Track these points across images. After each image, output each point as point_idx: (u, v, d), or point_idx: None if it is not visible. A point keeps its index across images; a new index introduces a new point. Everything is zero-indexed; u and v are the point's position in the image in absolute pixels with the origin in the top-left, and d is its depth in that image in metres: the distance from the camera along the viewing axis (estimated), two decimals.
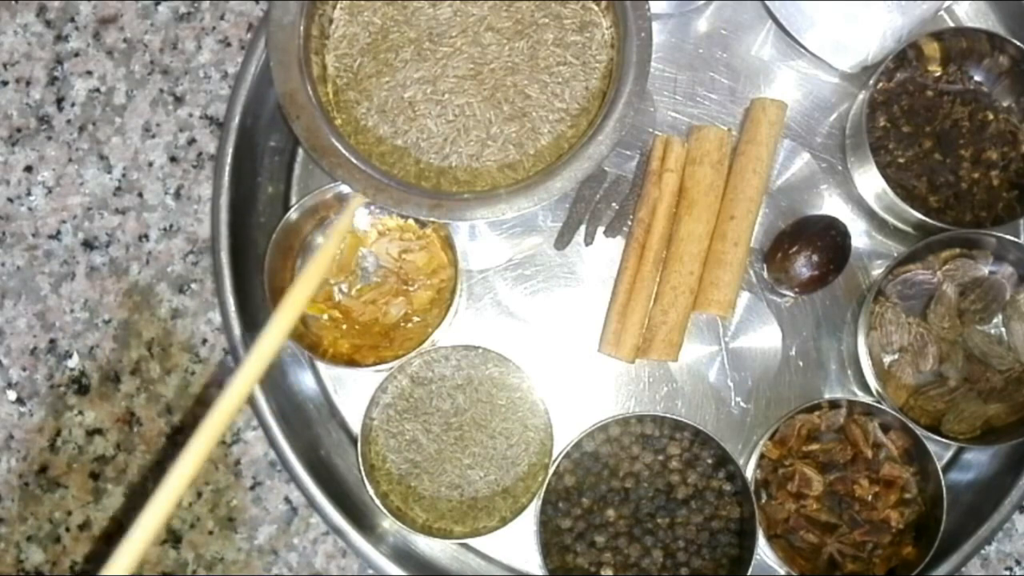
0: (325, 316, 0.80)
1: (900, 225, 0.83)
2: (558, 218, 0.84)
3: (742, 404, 0.82)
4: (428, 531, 0.77)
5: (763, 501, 0.79)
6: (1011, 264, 0.80)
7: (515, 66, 0.77)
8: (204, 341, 0.81)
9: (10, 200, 0.82)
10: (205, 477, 0.80)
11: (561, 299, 0.83)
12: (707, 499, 0.78)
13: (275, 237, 0.78)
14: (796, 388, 0.83)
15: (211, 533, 0.79)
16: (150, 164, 0.83)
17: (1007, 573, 0.81)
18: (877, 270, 0.83)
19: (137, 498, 0.79)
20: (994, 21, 0.86)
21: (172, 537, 0.79)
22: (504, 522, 0.77)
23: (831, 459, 0.78)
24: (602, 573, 0.77)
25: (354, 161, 0.74)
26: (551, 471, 0.77)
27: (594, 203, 0.83)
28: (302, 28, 0.75)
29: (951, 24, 0.86)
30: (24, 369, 0.81)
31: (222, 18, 0.84)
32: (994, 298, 0.79)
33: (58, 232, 0.82)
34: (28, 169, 0.83)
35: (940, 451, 0.81)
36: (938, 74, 0.83)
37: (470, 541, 0.79)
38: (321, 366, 0.83)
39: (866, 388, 0.79)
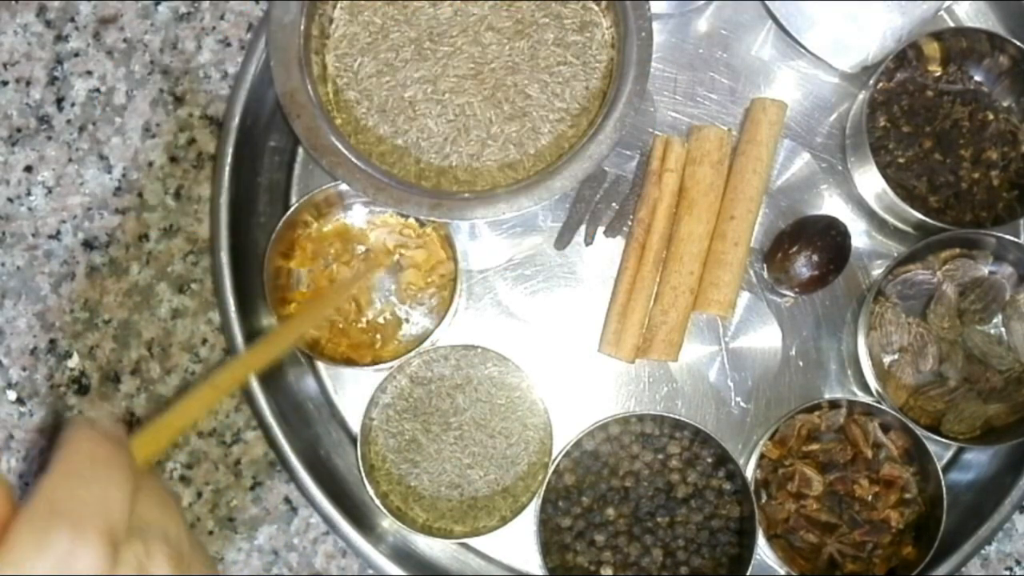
0: None
1: (900, 225, 0.83)
2: (558, 218, 0.84)
3: (742, 404, 0.82)
4: (428, 531, 0.77)
5: (763, 501, 0.79)
6: (1011, 264, 0.80)
7: (515, 66, 0.77)
8: (204, 341, 0.81)
9: (10, 200, 0.82)
10: (205, 477, 0.80)
11: (561, 299, 0.83)
12: (707, 498, 0.78)
13: (275, 237, 0.78)
14: (796, 388, 0.83)
15: (211, 533, 0.79)
16: (150, 164, 0.83)
17: (1007, 573, 0.81)
18: (877, 270, 0.83)
19: None
20: (994, 21, 0.86)
21: None
22: (504, 521, 0.77)
23: (831, 459, 0.78)
24: (602, 572, 0.77)
25: (354, 160, 0.74)
26: (551, 470, 0.77)
27: (594, 203, 0.83)
28: (302, 28, 0.75)
29: (951, 24, 0.86)
30: (24, 369, 0.81)
31: (222, 18, 0.84)
32: (994, 298, 0.79)
33: (58, 232, 0.82)
34: (28, 169, 0.83)
35: (940, 451, 0.81)
36: (938, 74, 0.83)
37: (470, 541, 0.79)
38: (321, 366, 0.83)
39: (866, 388, 0.79)
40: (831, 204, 0.84)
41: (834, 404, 0.79)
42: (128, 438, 0.43)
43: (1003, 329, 0.81)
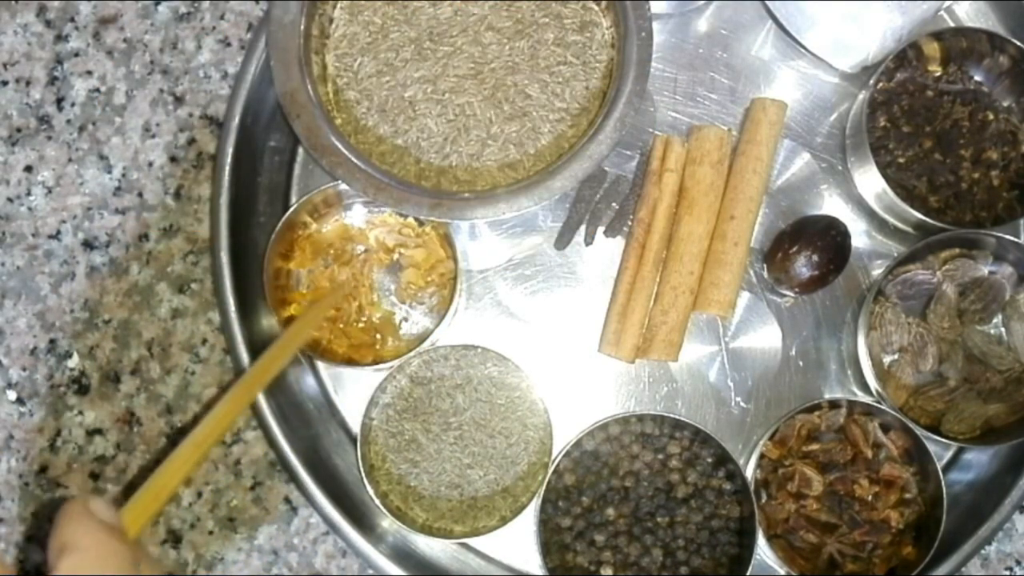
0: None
1: (900, 225, 0.83)
2: (558, 218, 0.84)
3: (742, 404, 0.82)
4: (428, 531, 0.77)
5: (763, 501, 0.79)
6: (1011, 264, 0.80)
7: (515, 66, 0.77)
8: (204, 341, 0.81)
9: (10, 200, 0.82)
10: (205, 477, 0.80)
11: (561, 299, 0.83)
12: (707, 498, 0.78)
13: (275, 237, 0.78)
14: (796, 388, 0.83)
15: (211, 533, 0.79)
16: (150, 164, 0.83)
17: (1007, 573, 0.81)
18: (877, 270, 0.83)
19: None
20: (994, 21, 0.87)
21: (172, 537, 0.79)
22: (504, 521, 0.76)
23: (831, 459, 0.78)
24: (602, 572, 0.77)
25: (354, 160, 0.74)
26: (551, 470, 0.77)
27: (594, 203, 0.83)
28: (302, 27, 0.75)
29: (951, 24, 0.86)
30: (24, 369, 0.81)
31: (222, 18, 0.84)
32: (994, 298, 0.79)
33: (58, 232, 0.82)
34: (28, 169, 0.83)
35: (940, 451, 0.81)
36: (938, 74, 0.83)
37: (470, 541, 0.79)
38: (321, 366, 0.83)
39: (866, 388, 0.79)
40: (831, 204, 0.84)
41: (834, 404, 0.79)
42: (119, 515, 0.45)
43: (1003, 329, 0.81)
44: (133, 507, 0.48)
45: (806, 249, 0.79)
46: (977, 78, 0.83)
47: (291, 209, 0.79)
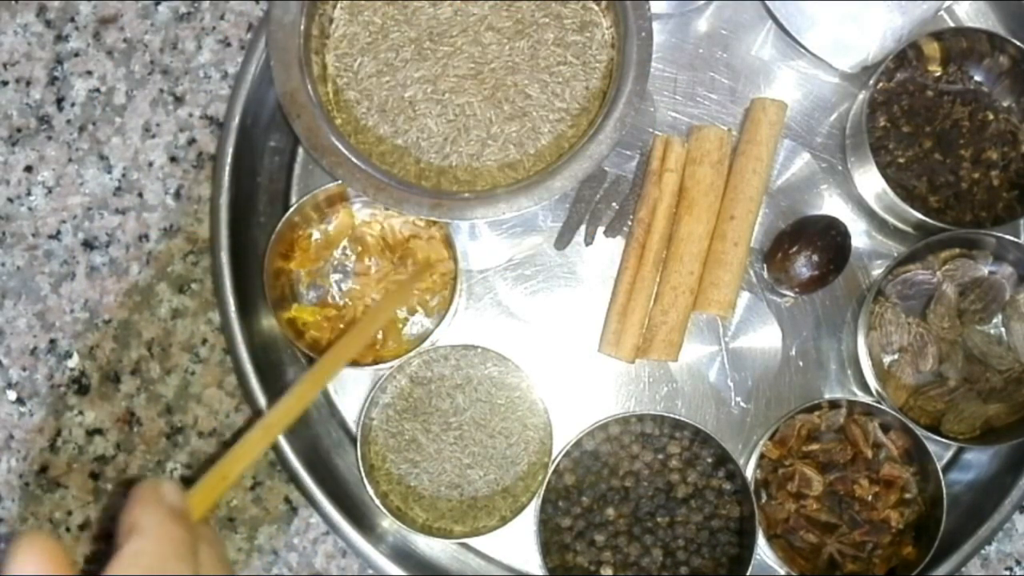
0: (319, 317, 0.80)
1: (900, 225, 0.83)
2: (558, 218, 0.84)
3: (742, 404, 0.82)
4: (428, 531, 0.77)
5: (763, 501, 0.79)
6: (1011, 264, 0.80)
7: (515, 66, 0.77)
8: (204, 341, 0.81)
9: (10, 200, 0.82)
10: None
11: (561, 299, 0.83)
12: (707, 498, 0.78)
13: (275, 237, 0.78)
14: (796, 388, 0.83)
15: None
16: (150, 164, 0.83)
17: (1007, 573, 0.81)
18: (877, 270, 0.83)
19: None
20: (994, 21, 0.87)
21: None
22: (504, 521, 0.77)
23: (831, 459, 0.78)
24: (602, 572, 0.77)
25: (354, 160, 0.74)
26: (551, 470, 0.77)
27: (594, 203, 0.83)
28: (302, 27, 0.75)
29: (951, 24, 0.86)
30: (24, 369, 0.81)
31: (222, 18, 0.84)
32: (994, 298, 0.79)
33: (58, 232, 0.82)
34: (28, 169, 0.83)
35: (940, 451, 0.81)
36: (938, 74, 0.83)
37: (470, 541, 0.79)
38: None
39: (866, 388, 0.79)
40: (831, 204, 0.84)
41: (834, 404, 0.79)
42: (186, 497, 0.48)
43: (1003, 329, 0.81)
44: (200, 489, 0.51)
45: (806, 249, 0.79)
46: (977, 78, 0.83)
47: (291, 209, 0.78)
